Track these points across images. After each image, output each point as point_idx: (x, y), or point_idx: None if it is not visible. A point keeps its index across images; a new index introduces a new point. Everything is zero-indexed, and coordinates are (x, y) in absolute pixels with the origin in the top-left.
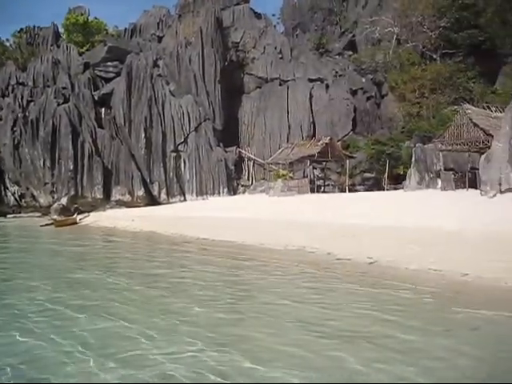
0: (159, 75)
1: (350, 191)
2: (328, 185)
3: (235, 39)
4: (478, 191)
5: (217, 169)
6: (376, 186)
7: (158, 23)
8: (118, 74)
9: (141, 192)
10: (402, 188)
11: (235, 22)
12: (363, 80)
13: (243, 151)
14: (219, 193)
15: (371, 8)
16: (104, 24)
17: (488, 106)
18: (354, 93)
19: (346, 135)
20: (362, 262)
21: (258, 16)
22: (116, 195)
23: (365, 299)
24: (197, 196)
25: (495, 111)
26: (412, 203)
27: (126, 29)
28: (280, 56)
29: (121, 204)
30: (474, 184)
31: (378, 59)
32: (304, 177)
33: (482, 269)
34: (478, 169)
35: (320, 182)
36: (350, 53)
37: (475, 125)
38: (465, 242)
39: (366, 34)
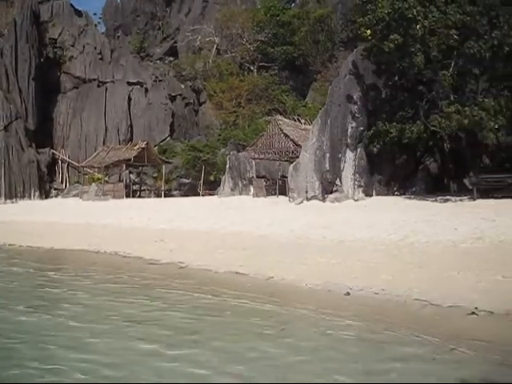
0: None
1: (165, 196)
2: (144, 189)
3: (53, 35)
4: (287, 198)
5: (28, 171)
6: (192, 191)
7: None
8: None
9: None
10: (217, 194)
11: (54, 18)
12: (182, 86)
13: (57, 153)
14: (30, 196)
15: (194, 16)
16: None
17: (298, 119)
18: (172, 98)
19: (163, 140)
20: (173, 267)
21: (79, 13)
22: None
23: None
24: (5, 199)
25: (304, 123)
26: (224, 209)
27: None
28: (100, 57)
29: None
30: (284, 191)
31: (198, 67)
32: (120, 181)
33: (287, 271)
34: (287, 177)
35: (136, 187)
36: (171, 59)
37: (286, 135)
38: (272, 245)
39: (187, 41)
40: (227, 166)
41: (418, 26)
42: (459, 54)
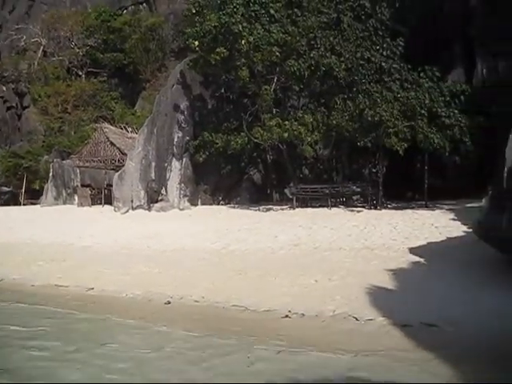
0: None
1: None
2: None
3: None
4: (113, 207)
5: None
6: (13, 200)
7: None
8: None
9: None
10: (40, 203)
11: None
12: (4, 89)
13: None
14: None
15: (18, 15)
16: None
17: (125, 127)
18: None
19: None
20: None
21: None
22: None
23: None
24: None
25: (131, 132)
26: (47, 219)
27: None
28: None
29: None
30: (110, 200)
31: (22, 69)
32: None
33: (108, 282)
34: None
35: None
36: None
37: (112, 143)
38: (95, 256)
39: (10, 40)
40: (50, 174)
41: (243, 42)
42: (281, 71)
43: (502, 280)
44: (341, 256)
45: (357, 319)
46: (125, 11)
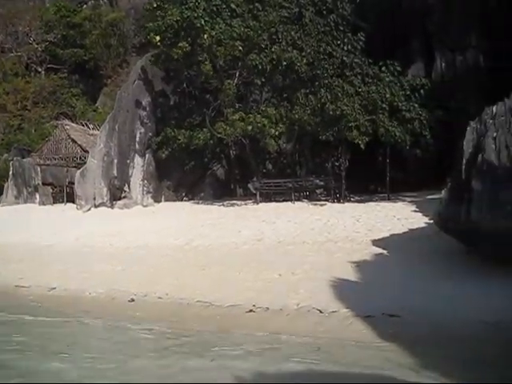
0: None
1: None
2: None
3: None
4: (75, 205)
5: None
6: None
7: None
8: None
9: None
10: None
11: None
12: None
13: None
14: None
15: None
16: None
17: (87, 124)
18: None
19: None
20: None
21: None
22: None
23: None
24: None
25: (93, 129)
26: (5, 219)
27: None
28: None
29: None
30: (72, 198)
31: None
32: None
33: (71, 281)
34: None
35: None
36: None
37: (73, 141)
38: (57, 255)
39: None
40: (10, 172)
41: (205, 36)
42: (243, 65)
43: (461, 270)
44: (304, 250)
45: (321, 312)
46: (84, 6)
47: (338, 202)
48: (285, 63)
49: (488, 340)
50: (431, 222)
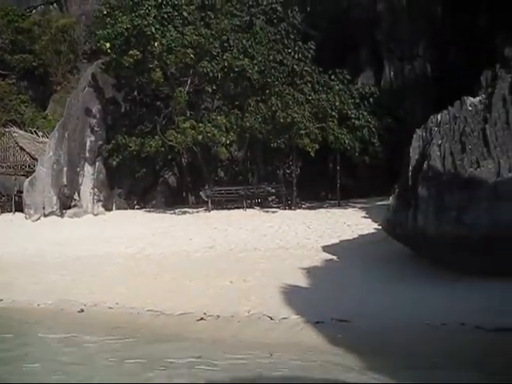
0: None
1: None
2: None
3: None
4: (24, 215)
5: None
6: None
7: None
8: None
9: None
10: None
11: None
12: None
13: None
14: None
15: None
16: None
17: (36, 131)
18: None
19: None
20: None
21: None
22: None
23: None
24: None
25: (42, 136)
26: None
27: None
28: None
29: None
30: (21, 207)
31: None
32: None
33: (18, 292)
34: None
35: None
36: None
37: (22, 148)
38: (4, 266)
39: None
40: None
41: (156, 44)
42: (195, 73)
43: (409, 274)
44: (256, 257)
45: (271, 318)
46: (34, 11)
47: (290, 208)
48: (236, 70)
49: (431, 341)
50: (380, 227)
